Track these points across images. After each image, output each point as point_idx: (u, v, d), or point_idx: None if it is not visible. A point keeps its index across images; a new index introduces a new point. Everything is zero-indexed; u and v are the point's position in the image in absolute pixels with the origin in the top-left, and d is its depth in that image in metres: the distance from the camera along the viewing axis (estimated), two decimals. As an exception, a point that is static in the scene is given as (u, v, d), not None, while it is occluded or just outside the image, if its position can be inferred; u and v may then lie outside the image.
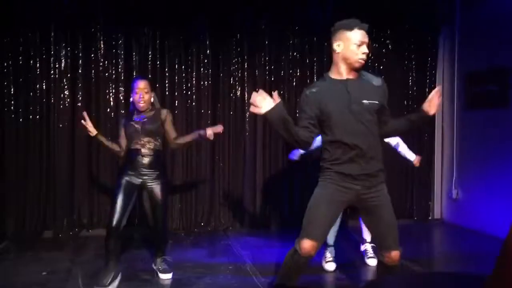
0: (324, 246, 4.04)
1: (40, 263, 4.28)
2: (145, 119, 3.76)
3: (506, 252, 1.17)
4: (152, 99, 3.83)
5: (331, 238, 4.12)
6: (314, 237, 2.71)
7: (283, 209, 5.85)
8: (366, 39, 2.73)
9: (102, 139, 3.80)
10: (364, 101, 2.70)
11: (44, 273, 4.01)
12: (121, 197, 3.63)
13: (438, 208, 6.32)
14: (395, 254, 2.74)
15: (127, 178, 3.72)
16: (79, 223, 5.40)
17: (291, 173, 5.78)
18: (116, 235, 3.58)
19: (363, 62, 2.74)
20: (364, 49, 2.71)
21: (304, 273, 2.90)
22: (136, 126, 3.75)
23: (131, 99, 3.82)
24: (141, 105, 3.74)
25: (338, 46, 2.73)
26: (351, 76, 2.75)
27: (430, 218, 6.29)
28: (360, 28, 2.71)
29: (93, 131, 3.72)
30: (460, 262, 4.46)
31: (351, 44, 2.69)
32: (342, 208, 2.83)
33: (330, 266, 4.09)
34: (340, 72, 2.75)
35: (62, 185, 5.35)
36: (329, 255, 4.13)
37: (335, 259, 4.13)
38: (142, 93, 3.72)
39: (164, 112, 3.83)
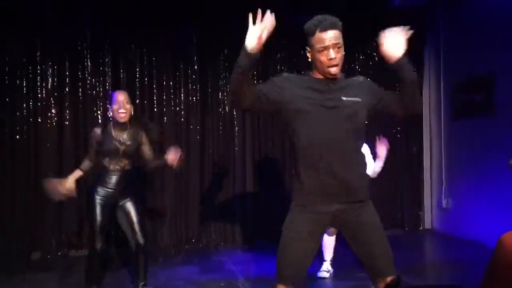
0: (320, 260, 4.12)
1: (28, 286, 4.20)
2: (125, 138, 3.57)
3: (494, 264, 1.18)
4: (132, 112, 3.63)
5: (328, 255, 4.16)
6: (290, 281, 2.30)
7: (275, 223, 5.79)
8: (332, 41, 2.18)
9: (77, 177, 3.69)
10: (343, 98, 2.23)
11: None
12: (99, 217, 3.52)
13: (429, 218, 6.34)
14: (391, 280, 2.25)
15: (101, 198, 3.56)
16: (68, 243, 5.33)
17: (282, 187, 5.77)
18: (101, 258, 3.51)
19: (335, 71, 2.23)
20: (330, 54, 2.18)
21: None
22: (118, 146, 3.55)
23: (109, 113, 3.61)
24: (122, 115, 3.52)
25: (308, 53, 2.28)
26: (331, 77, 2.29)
27: (420, 228, 6.31)
28: (322, 30, 2.18)
29: (72, 186, 3.65)
30: (451, 272, 4.45)
31: (315, 52, 2.21)
32: (319, 237, 2.41)
33: (325, 274, 4.11)
34: (320, 75, 2.30)
35: (50, 205, 5.27)
36: (325, 267, 4.15)
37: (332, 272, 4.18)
38: (122, 103, 3.52)
39: (142, 134, 3.67)
